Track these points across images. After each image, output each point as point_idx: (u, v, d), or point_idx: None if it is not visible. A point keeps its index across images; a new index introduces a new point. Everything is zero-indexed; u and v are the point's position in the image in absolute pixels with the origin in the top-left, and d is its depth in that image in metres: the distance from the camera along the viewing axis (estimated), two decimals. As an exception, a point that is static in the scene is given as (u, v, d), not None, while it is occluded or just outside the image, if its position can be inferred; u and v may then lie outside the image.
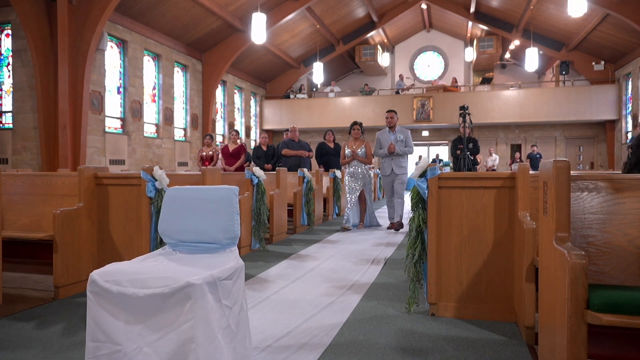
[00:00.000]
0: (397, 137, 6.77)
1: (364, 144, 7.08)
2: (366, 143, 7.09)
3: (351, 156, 7.04)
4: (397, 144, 6.73)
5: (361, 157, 7.00)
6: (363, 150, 7.02)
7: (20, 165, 10.50)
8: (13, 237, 3.43)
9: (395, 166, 6.75)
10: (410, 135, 6.87)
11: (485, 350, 2.39)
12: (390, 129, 6.85)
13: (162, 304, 1.70)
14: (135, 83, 12.70)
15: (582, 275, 1.61)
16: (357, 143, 7.09)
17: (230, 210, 2.12)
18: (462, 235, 2.91)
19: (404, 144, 6.79)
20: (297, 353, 2.35)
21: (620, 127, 16.85)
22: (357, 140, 7.11)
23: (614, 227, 2.04)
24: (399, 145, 6.75)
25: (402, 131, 6.84)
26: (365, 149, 7.02)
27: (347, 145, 7.14)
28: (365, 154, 7.02)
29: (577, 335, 1.61)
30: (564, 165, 1.83)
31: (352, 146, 7.07)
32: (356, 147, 7.05)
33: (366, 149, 7.02)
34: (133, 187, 3.63)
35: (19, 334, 2.63)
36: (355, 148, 7.04)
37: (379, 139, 6.88)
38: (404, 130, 6.86)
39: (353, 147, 7.06)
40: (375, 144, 6.98)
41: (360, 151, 7.01)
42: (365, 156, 7.02)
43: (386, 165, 6.84)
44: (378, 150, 6.92)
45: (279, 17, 15.07)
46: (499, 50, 19.87)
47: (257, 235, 5.26)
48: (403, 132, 6.83)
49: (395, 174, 6.76)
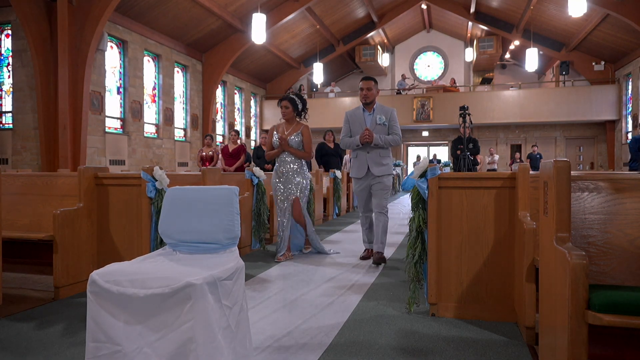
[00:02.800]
0: (375, 118, 4.50)
1: (301, 129, 4.77)
2: (304, 128, 4.79)
3: (279, 147, 4.75)
4: (376, 129, 4.48)
5: (294, 149, 4.72)
6: (298, 138, 4.73)
7: (20, 166, 10.50)
8: (13, 237, 3.43)
9: (372, 164, 4.48)
10: (396, 116, 4.61)
11: (485, 351, 2.39)
12: (366, 107, 4.59)
13: (162, 304, 1.69)
14: (135, 83, 12.70)
15: (583, 275, 1.61)
16: (289, 127, 4.81)
17: (230, 210, 2.12)
18: (462, 236, 2.90)
19: (387, 130, 4.53)
20: (297, 353, 2.34)
21: (621, 127, 16.85)
22: (289, 124, 4.82)
23: (615, 227, 2.04)
24: (379, 132, 4.48)
25: (383, 110, 4.56)
26: (302, 136, 4.75)
27: (276, 129, 4.85)
28: (302, 143, 4.75)
29: (578, 336, 1.61)
30: (565, 165, 1.83)
31: (282, 132, 4.80)
32: (288, 133, 4.78)
33: (303, 137, 4.75)
34: (133, 187, 3.63)
35: (19, 334, 2.63)
36: (285, 135, 4.77)
37: (348, 121, 4.63)
38: (387, 110, 4.58)
39: (285, 132, 4.79)
40: (343, 129, 4.68)
41: (293, 139, 4.74)
42: (300, 147, 4.75)
43: (359, 162, 4.55)
44: (345, 138, 4.63)
45: (279, 18, 15.08)
46: (499, 51, 19.88)
47: (257, 236, 5.27)
48: (385, 112, 4.55)
49: (374, 176, 4.49)
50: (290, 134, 4.76)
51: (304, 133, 4.76)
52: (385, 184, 4.54)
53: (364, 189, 4.60)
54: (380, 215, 4.48)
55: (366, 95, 4.53)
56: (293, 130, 4.77)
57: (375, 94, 4.58)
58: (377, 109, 4.57)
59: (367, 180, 4.55)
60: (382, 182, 4.51)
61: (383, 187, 4.52)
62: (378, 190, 4.53)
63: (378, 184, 4.51)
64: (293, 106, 4.78)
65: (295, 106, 4.78)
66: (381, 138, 4.45)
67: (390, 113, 4.56)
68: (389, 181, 4.58)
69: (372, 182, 4.54)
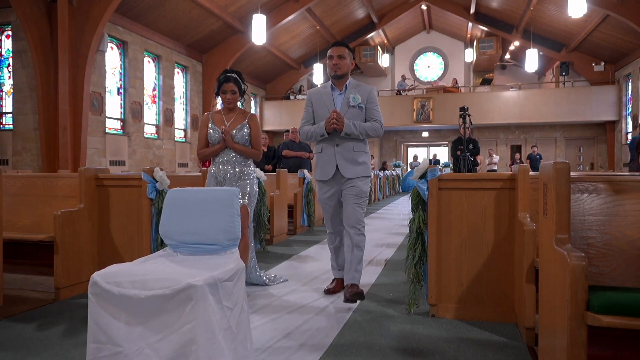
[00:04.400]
0: (348, 99, 3.30)
1: (247, 119, 3.49)
2: (251, 118, 3.51)
3: (222, 141, 3.43)
4: (349, 113, 3.28)
5: (239, 145, 3.43)
6: (245, 131, 3.45)
7: (20, 166, 10.50)
8: (14, 238, 3.44)
9: (343, 161, 3.28)
10: (377, 96, 3.46)
11: (485, 351, 2.39)
12: (337, 83, 3.39)
13: (163, 306, 1.70)
14: (135, 84, 12.71)
15: (582, 276, 1.61)
16: (231, 117, 3.49)
17: (230, 212, 2.12)
18: (462, 237, 2.91)
19: (364, 115, 3.34)
20: (298, 354, 2.35)
21: (620, 128, 16.86)
22: (230, 112, 3.51)
23: (614, 228, 2.04)
24: (353, 117, 3.29)
25: (358, 88, 3.37)
26: (250, 129, 3.47)
27: (212, 119, 3.50)
28: (249, 138, 3.47)
29: (577, 337, 1.62)
30: (564, 167, 1.84)
31: (223, 122, 3.47)
32: (231, 124, 3.47)
33: (251, 130, 3.47)
34: (134, 188, 3.64)
35: (20, 335, 2.64)
36: (228, 127, 3.46)
37: (311, 102, 3.45)
38: (364, 88, 3.38)
39: (226, 124, 3.47)
40: (303, 114, 3.50)
41: (237, 133, 3.44)
42: (248, 143, 3.48)
43: (325, 158, 3.35)
44: (306, 126, 3.45)
45: (279, 18, 15.09)
46: (499, 51, 19.89)
47: (258, 236, 5.27)
48: (362, 91, 3.35)
49: (345, 179, 3.30)
50: (234, 125, 3.44)
51: (252, 125, 3.46)
52: (361, 189, 3.28)
53: (332, 197, 3.36)
54: (356, 234, 3.23)
55: (337, 66, 3.30)
56: (237, 121, 3.45)
57: (349, 65, 3.36)
58: (351, 86, 3.36)
59: (335, 184, 3.33)
60: (356, 187, 3.27)
61: (358, 193, 3.27)
62: (351, 198, 3.26)
63: (351, 188, 3.27)
64: (239, 89, 3.48)
65: (240, 89, 3.48)
66: (355, 125, 3.24)
67: (369, 92, 3.36)
68: (366, 186, 3.32)
69: (342, 186, 3.31)
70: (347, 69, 3.35)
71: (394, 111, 18.49)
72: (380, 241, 6.03)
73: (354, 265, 3.22)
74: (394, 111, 18.49)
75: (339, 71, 3.31)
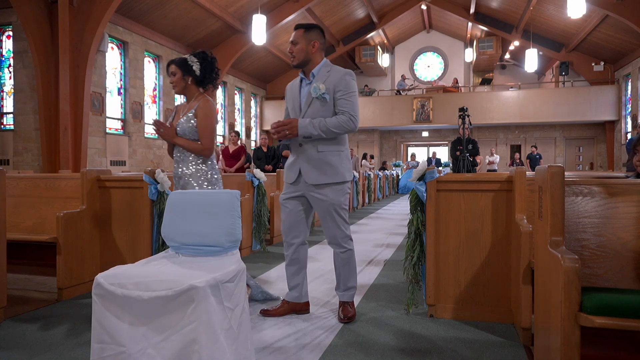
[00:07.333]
0: (316, 90, 2.77)
1: (196, 106, 2.96)
2: (200, 104, 2.96)
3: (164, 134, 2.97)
4: (312, 107, 2.80)
5: (180, 139, 2.95)
6: (192, 122, 2.94)
7: (21, 167, 10.53)
8: (17, 239, 3.47)
9: (306, 164, 2.82)
10: (354, 86, 2.83)
11: (482, 351, 2.43)
12: (304, 72, 2.92)
13: (165, 307, 1.74)
14: (135, 84, 12.74)
15: (575, 278, 1.65)
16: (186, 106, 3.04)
17: (232, 214, 2.16)
18: (460, 238, 2.94)
19: (332, 109, 2.79)
20: (297, 354, 2.39)
21: (620, 127, 16.89)
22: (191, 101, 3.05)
23: (608, 231, 2.08)
24: (317, 111, 2.79)
25: (327, 75, 2.81)
26: (196, 117, 2.94)
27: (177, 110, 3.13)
28: (194, 128, 2.95)
29: (571, 338, 1.65)
30: (559, 170, 1.87)
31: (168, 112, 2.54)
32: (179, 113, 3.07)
33: (197, 118, 2.94)
34: (135, 189, 3.67)
35: (24, 335, 2.67)
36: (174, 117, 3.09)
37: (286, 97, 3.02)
38: (334, 74, 2.81)
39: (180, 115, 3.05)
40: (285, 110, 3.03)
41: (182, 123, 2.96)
42: (194, 136, 2.96)
43: (290, 159, 2.94)
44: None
45: (279, 19, 15.11)
46: (498, 51, 19.92)
47: (258, 237, 5.30)
48: (331, 78, 2.80)
49: (308, 185, 2.83)
50: (184, 112, 2.99)
51: (198, 112, 2.91)
52: (332, 201, 2.79)
53: (292, 200, 2.90)
54: (341, 252, 2.89)
55: (291, 54, 2.89)
56: (189, 110, 2.98)
57: (306, 49, 2.84)
58: (319, 73, 2.83)
59: (301, 188, 2.86)
60: (325, 201, 2.78)
61: (331, 206, 2.79)
62: (325, 211, 2.81)
63: (320, 202, 2.80)
64: (184, 70, 2.95)
65: (189, 70, 2.95)
66: (314, 124, 2.72)
67: (340, 78, 2.78)
68: (339, 196, 2.81)
69: (309, 194, 2.84)
70: (304, 56, 2.84)
71: (393, 111, 18.52)
72: (379, 241, 6.06)
73: (343, 282, 2.95)
74: (393, 111, 18.52)
75: (294, 60, 2.87)
